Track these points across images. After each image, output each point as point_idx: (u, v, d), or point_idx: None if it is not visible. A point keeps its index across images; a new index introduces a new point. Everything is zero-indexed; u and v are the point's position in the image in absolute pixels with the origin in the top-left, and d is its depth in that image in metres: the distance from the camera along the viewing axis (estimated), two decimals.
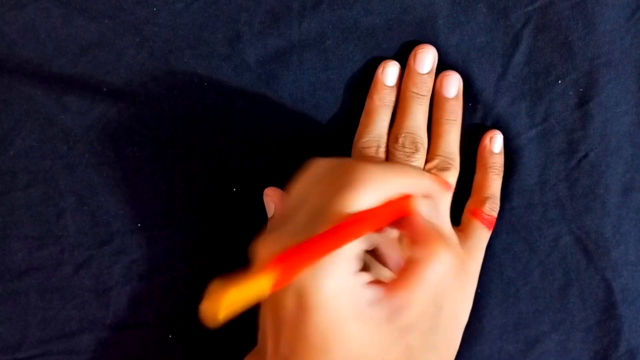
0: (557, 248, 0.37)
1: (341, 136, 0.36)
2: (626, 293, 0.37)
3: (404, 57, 0.36)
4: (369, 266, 0.31)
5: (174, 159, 0.36)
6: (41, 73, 0.35)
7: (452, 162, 0.35)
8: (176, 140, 0.36)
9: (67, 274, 0.37)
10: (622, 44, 0.36)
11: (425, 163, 0.36)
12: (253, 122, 0.36)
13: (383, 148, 0.35)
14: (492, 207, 0.36)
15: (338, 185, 0.26)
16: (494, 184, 0.36)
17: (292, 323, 0.26)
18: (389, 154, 0.35)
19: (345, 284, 0.25)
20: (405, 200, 0.28)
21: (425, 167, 0.35)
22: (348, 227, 0.25)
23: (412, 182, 0.28)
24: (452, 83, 0.36)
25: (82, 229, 0.36)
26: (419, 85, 0.35)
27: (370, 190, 0.26)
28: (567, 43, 0.36)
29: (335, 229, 0.25)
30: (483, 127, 0.37)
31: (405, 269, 0.27)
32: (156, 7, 0.35)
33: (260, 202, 0.36)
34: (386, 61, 0.36)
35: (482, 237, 0.36)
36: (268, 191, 0.35)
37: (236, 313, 0.21)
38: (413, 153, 0.34)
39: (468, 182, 0.37)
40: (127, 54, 0.36)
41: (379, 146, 0.35)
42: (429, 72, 0.36)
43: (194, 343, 0.37)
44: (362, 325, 0.26)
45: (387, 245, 0.30)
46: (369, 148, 0.35)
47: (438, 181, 0.31)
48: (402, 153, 0.34)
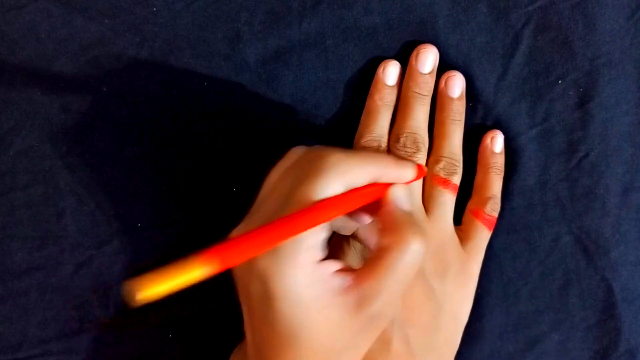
0: (557, 248, 0.37)
1: (341, 136, 0.36)
2: (626, 293, 0.38)
3: (405, 57, 0.36)
4: (347, 253, 0.31)
5: (174, 159, 0.36)
6: (41, 73, 0.35)
7: (457, 164, 0.35)
8: (176, 140, 0.36)
9: (67, 274, 0.36)
10: (622, 44, 0.36)
11: (428, 163, 0.36)
12: (253, 122, 0.36)
13: (384, 147, 0.35)
14: (493, 208, 0.36)
15: (304, 173, 0.26)
16: (495, 184, 0.36)
17: (260, 312, 0.26)
18: (390, 154, 0.35)
19: (308, 273, 0.25)
20: (376, 187, 0.28)
21: (431, 169, 0.35)
22: (306, 215, 0.25)
23: (381, 170, 0.28)
24: (457, 83, 0.36)
25: (82, 229, 0.36)
26: (421, 85, 0.35)
27: (333, 178, 0.26)
28: (567, 43, 0.36)
29: (291, 217, 0.25)
30: (483, 127, 0.37)
31: (374, 257, 0.27)
32: (156, 7, 0.35)
33: None
34: (387, 61, 0.36)
35: (483, 238, 0.36)
36: None
37: (163, 294, 0.21)
38: (414, 153, 0.34)
39: (468, 182, 0.37)
40: (127, 54, 0.36)
41: (380, 145, 0.35)
42: (431, 72, 0.36)
43: (194, 343, 0.37)
44: (330, 313, 0.26)
45: (367, 232, 0.30)
46: (370, 148, 0.35)
47: (412, 167, 0.30)
48: (403, 153, 0.35)
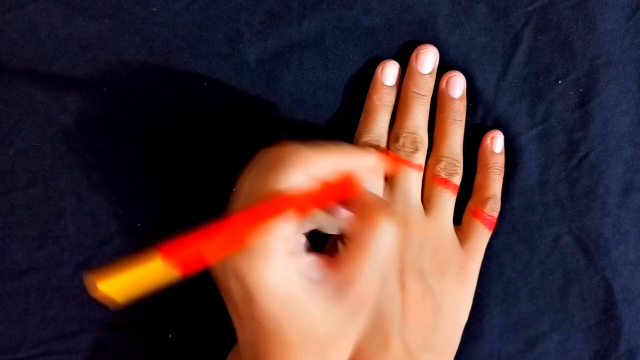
0: (557, 248, 0.37)
1: (341, 136, 0.36)
2: (626, 293, 0.38)
3: (404, 57, 0.36)
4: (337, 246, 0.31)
5: (174, 159, 0.36)
6: (41, 73, 0.35)
7: (458, 164, 0.35)
8: (176, 140, 0.36)
9: (67, 274, 0.36)
10: (622, 44, 0.36)
11: (428, 163, 0.36)
12: (253, 122, 0.36)
13: (383, 147, 0.35)
14: (493, 208, 0.36)
15: (264, 167, 0.27)
16: (495, 184, 0.36)
17: (242, 310, 0.26)
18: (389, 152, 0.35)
19: (282, 265, 0.25)
20: (345, 178, 0.28)
21: (431, 169, 0.35)
22: (266, 207, 0.25)
23: (341, 158, 0.28)
24: (458, 83, 0.36)
25: (82, 229, 0.36)
26: (421, 85, 0.35)
27: (292, 169, 0.26)
28: (567, 43, 0.36)
29: (249, 211, 0.25)
30: (484, 127, 0.37)
31: (349, 244, 0.27)
32: (156, 7, 0.35)
33: None
34: (385, 61, 0.36)
35: (483, 238, 0.36)
36: None
37: (131, 296, 0.22)
38: (413, 153, 0.35)
39: (469, 182, 0.37)
40: (127, 54, 0.36)
41: (379, 146, 0.35)
42: (430, 72, 0.36)
43: (194, 343, 0.37)
44: (311, 303, 0.26)
45: (347, 225, 0.30)
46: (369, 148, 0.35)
47: (374, 153, 0.30)
48: (403, 152, 0.35)
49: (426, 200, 0.35)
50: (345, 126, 0.36)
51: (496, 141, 0.36)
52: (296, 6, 0.36)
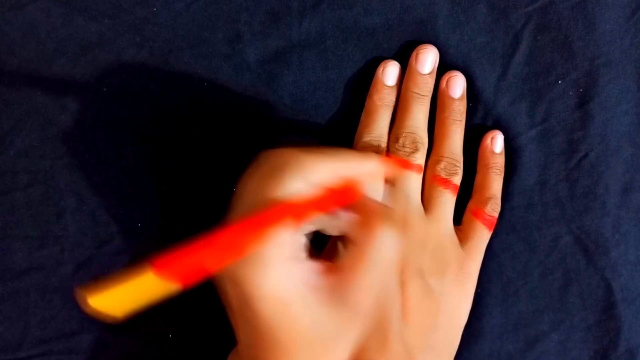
0: (557, 248, 0.37)
1: (341, 136, 0.36)
2: (626, 293, 0.38)
3: (404, 57, 0.36)
4: (342, 254, 0.31)
5: (174, 159, 0.36)
6: (41, 73, 0.35)
7: (458, 164, 0.35)
8: (176, 140, 0.36)
9: (67, 274, 0.36)
10: (622, 44, 0.36)
11: (428, 163, 0.36)
12: (253, 122, 0.36)
13: (384, 147, 0.35)
14: (494, 208, 0.36)
15: (264, 174, 0.27)
16: (495, 184, 0.36)
17: (241, 315, 0.27)
18: (389, 154, 0.35)
19: (281, 271, 0.25)
20: (346, 185, 0.28)
21: (431, 169, 0.35)
22: (265, 216, 0.25)
23: (341, 164, 0.28)
24: (458, 83, 0.36)
25: (82, 229, 0.36)
26: (421, 85, 0.35)
27: (292, 176, 0.26)
28: (567, 43, 0.36)
29: (247, 221, 0.25)
30: (483, 127, 0.37)
31: (349, 250, 0.27)
32: (156, 7, 0.35)
33: None
34: (386, 61, 0.36)
35: (483, 238, 0.36)
36: None
37: (126, 310, 0.22)
38: (413, 153, 0.35)
39: (469, 182, 0.37)
40: (127, 54, 0.36)
41: (380, 146, 0.35)
42: (431, 73, 0.36)
43: (194, 343, 0.37)
44: (309, 309, 0.26)
45: (349, 228, 0.30)
46: (370, 148, 0.35)
47: (374, 159, 0.30)
48: (403, 153, 0.35)
49: (426, 200, 0.35)
50: (345, 126, 0.36)
51: (496, 141, 0.36)
52: (296, 6, 0.36)
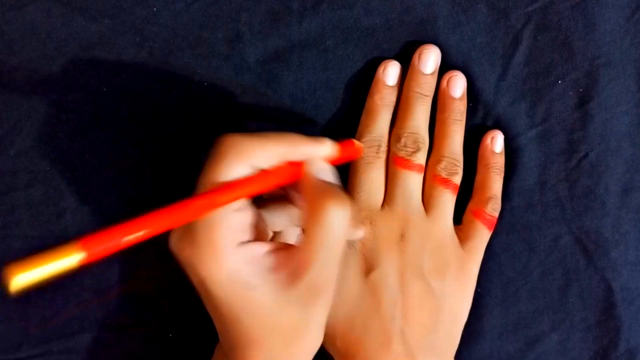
0: (557, 248, 0.37)
1: (341, 136, 0.36)
2: (626, 293, 0.38)
3: (404, 57, 0.36)
4: None
5: (174, 159, 0.36)
6: (41, 73, 0.35)
7: (458, 164, 0.35)
8: (176, 140, 0.36)
9: (67, 274, 0.36)
10: (622, 44, 0.36)
11: (428, 163, 0.36)
12: (253, 122, 0.36)
13: (384, 147, 0.35)
14: (494, 208, 0.36)
15: (212, 159, 0.27)
16: (496, 184, 0.36)
17: (204, 299, 0.27)
18: (390, 153, 0.35)
19: (232, 254, 0.26)
20: (289, 166, 0.28)
21: (432, 169, 0.35)
22: (203, 197, 0.26)
23: (288, 149, 0.28)
24: (459, 83, 0.36)
25: (82, 229, 0.36)
26: (423, 85, 0.35)
27: (235, 160, 0.26)
28: (567, 43, 0.36)
29: (189, 200, 0.26)
30: (484, 127, 0.37)
31: (302, 232, 0.27)
32: (156, 7, 0.35)
33: None
34: (387, 61, 0.36)
35: (483, 238, 0.36)
36: None
37: (38, 281, 0.23)
38: (414, 152, 0.35)
39: (469, 182, 0.37)
40: (127, 54, 0.36)
41: (380, 145, 0.35)
42: (433, 73, 0.36)
43: (194, 343, 0.37)
44: (267, 291, 0.26)
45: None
46: (370, 148, 0.35)
47: (327, 143, 0.30)
48: (404, 152, 0.35)
49: (426, 200, 0.35)
50: (345, 126, 0.36)
51: (496, 141, 0.36)
52: (296, 6, 0.36)
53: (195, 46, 0.36)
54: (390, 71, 0.36)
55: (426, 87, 0.35)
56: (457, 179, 0.36)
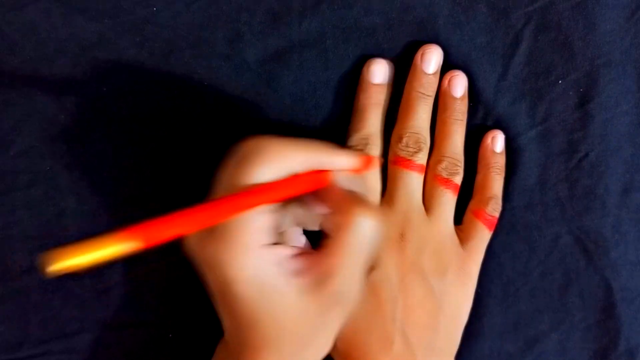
0: (557, 248, 0.37)
1: (341, 136, 0.36)
2: (625, 293, 0.38)
3: (404, 57, 0.36)
4: None
5: (174, 159, 0.36)
6: (41, 73, 0.35)
7: (459, 164, 0.35)
8: (176, 140, 0.36)
9: (67, 274, 0.36)
10: (622, 44, 0.36)
11: (429, 163, 0.36)
12: (253, 122, 0.36)
13: (373, 147, 0.35)
14: (495, 208, 0.36)
15: (240, 162, 0.27)
16: (496, 184, 0.36)
17: (222, 299, 0.27)
18: (391, 153, 0.35)
19: (258, 256, 0.26)
20: (318, 174, 0.28)
21: (433, 169, 0.35)
22: (236, 198, 0.25)
23: (318, 157, 0.28)
24: (460, 83, 0.36)
25: (82, 229, 0.36)
26: (425, 85, 0.35)
27: (267, 164, 0.26)
28: (567, 43, 0.36)
29: (221, 200, 0.25)
30: (484, 127, 0.37)
31: (327, 239, 0.27)
32: (156, 7, 0.35)
33: None
34: (371, 59, 0.35)
35: (484, 238, 0.36)
36: None
37: (82, 266, 0.22)
38: (416, 152, 0.35)
39: (469, 182, 0.37)
40: (127, 54, 0.36)
41: (368, 144, 0.35)
42: (435, 73, 0.35)
43: (194, 343, 0.37)
44: (289, 294, 0.26)
45: (327, 221, 0.30)
46: (356, 146, 0.35)
47: (352, 155, 0.30)
48: (405, 152, 0.35)
49: (427, 200, 0.35)
50: (345, 126, 0.36)
51: (497, 141, 0.36)
52: (296, 6, 0.36)
53: (195, 46, 0.36)
54: (375, 69, 0.35)
55: (428, 87, 0.35)
56: (458, 179, 0.36)
